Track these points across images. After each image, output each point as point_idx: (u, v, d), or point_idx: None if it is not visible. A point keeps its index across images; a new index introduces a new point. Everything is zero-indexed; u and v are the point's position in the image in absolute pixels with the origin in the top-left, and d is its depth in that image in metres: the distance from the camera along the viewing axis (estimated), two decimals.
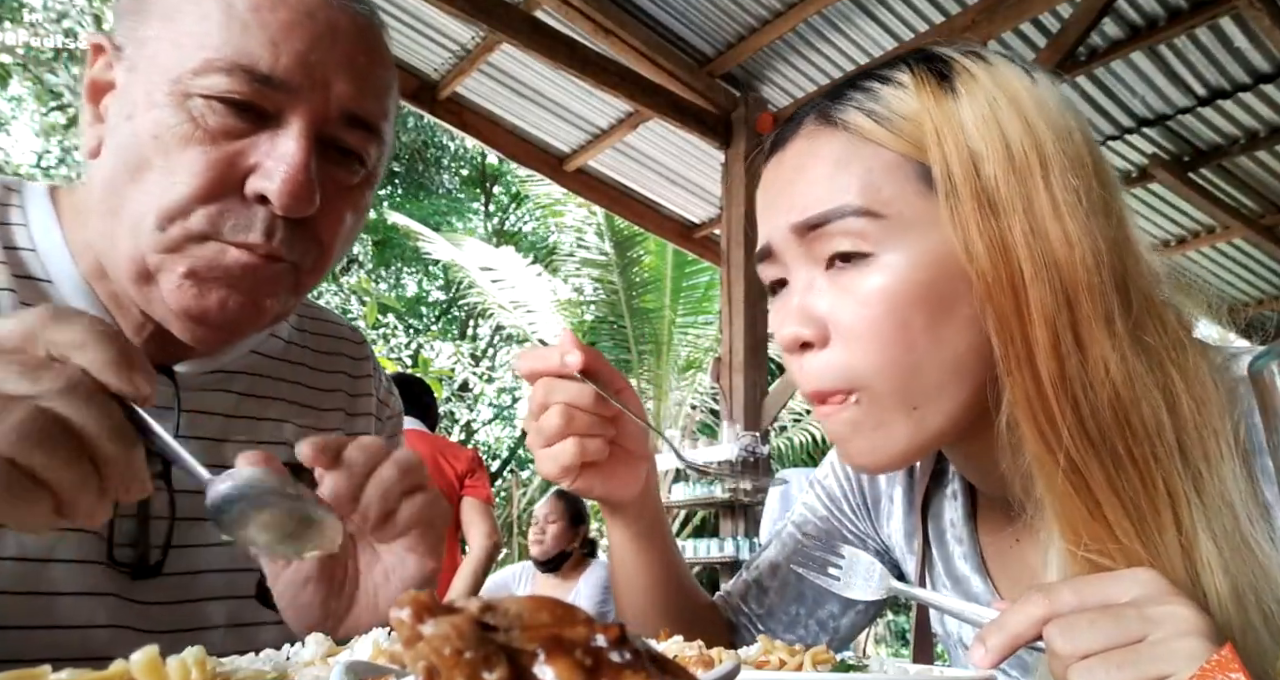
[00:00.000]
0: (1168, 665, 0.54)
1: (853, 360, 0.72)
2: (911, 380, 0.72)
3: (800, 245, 0.75)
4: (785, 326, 0.75)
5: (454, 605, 0.25)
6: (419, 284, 14.97)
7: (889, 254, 0.71)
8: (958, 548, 0.90)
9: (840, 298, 0.73)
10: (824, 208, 0.73)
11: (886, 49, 4.53)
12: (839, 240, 0.72)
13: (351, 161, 0.80)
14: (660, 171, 5.94)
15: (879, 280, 0.71)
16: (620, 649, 0.24)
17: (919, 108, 0.73)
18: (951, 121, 0.71)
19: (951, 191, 0.70)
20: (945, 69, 0.74)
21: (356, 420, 1.01)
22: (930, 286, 0.71)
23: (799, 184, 0.76)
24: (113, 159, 0.75)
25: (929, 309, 0.71)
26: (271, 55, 0.73)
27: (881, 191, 0.72)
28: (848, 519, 1.02)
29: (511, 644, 0.24)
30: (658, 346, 9.46)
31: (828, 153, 0.75)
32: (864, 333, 0.72)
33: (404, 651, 0.23)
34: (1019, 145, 0.70)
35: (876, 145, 0.73)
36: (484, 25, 4.35)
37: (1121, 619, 0.57)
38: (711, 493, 5.39)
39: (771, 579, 1.01)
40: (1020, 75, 0.74)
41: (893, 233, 0.71)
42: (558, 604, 0.26)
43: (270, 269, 0.76)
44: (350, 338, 1.06)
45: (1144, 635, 0.56)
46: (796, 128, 0.79)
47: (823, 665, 0.60)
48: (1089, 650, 0.56)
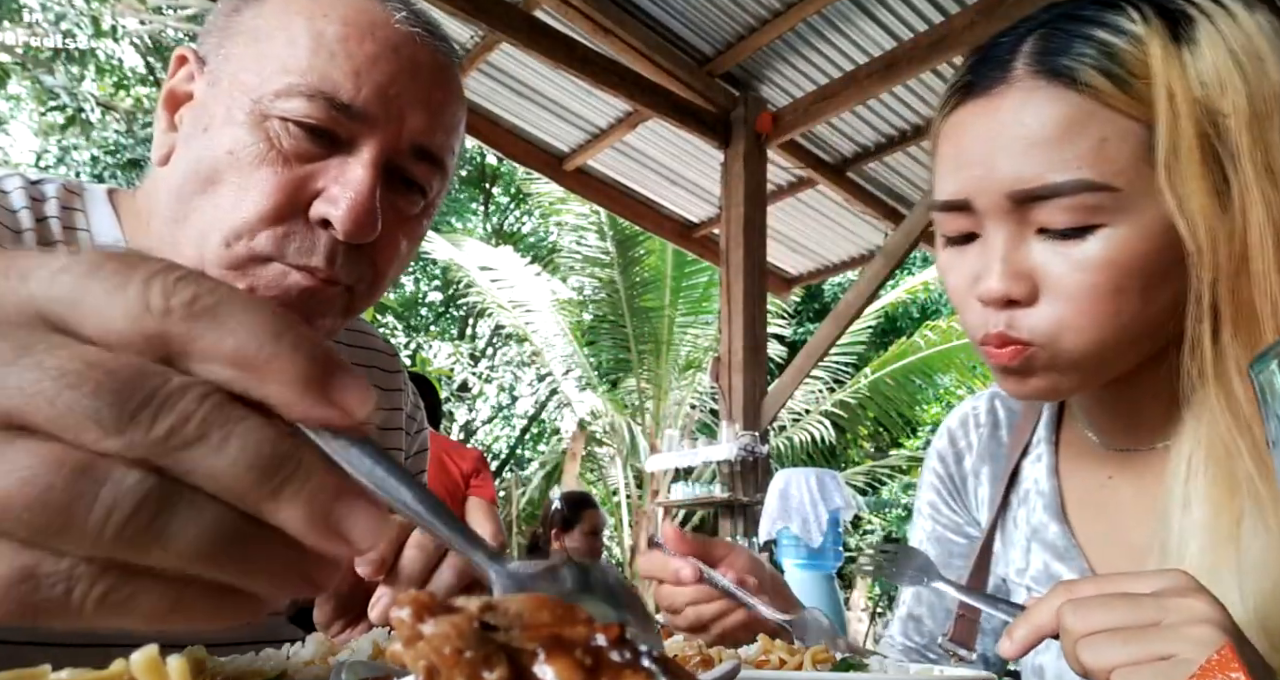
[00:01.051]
0: (1175, 646, 0.54)
1: (1058, 319, 0.72)
2: (1111, 339, 0.72)
3: (1011, 208, 0.72)
4: (990, 283, 0.73)
5: (454, 605, 0.25)
6: (417, 284, 14.96)
7: (1116, 226, 0.69)
8: (1039, 501, 0.91)
9: (1057, 260, 0.71)
10: (1052, 179, 0.69)
11: (886, 49, 4.53)
12: (1064, 213, 0.69)
13: (414, 192, 0.82)
14: (659, 171, 5.94)
15: (1103, 249, 0.69)
16: (620, 649, 0.24)
17: (1154, 64, 0.68)
18: (1187, 77, 0.67)
19: (1177, 159, 0.67)
20: (1178, 12, 0.70)
21: (388, 434, 1.02)
22: (1151, 255, 0.70)
23: (1018, 145, 0.70)
24: (184, 169, 0.76)
25: (1146, 277, 0.70)
26: (354, 85, 0.74)
27: (1115, 162, 0.68)
28: (948, 519, 1.03)
29: (511, 644, 0.24)
30: (658, 346, 9.45)
31: (1056, 113, 0.69)
32: (1079, 297, 0.71)
33: (404, 651, 0.23)
34: (1261, 91, 0.67)
35: (1111, 109, 0.68)
36: (483, 25, 4.35)
37: (1136, 603, 0.57)
38: (711, 493, 5.39)
39: (918, 606, 1.03)
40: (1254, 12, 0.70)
41: (1122, 205, 0.69)
42: (558, 603, 0.26)
43: (326, 292, 0.77)
44: (384, 350, 1.06)
45: (1157, 620, 0.56)
46: (1004, 74, 0.73)
47: (823, 665, 0.60)
48: (1099, 628, 0.56)
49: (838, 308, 5.12)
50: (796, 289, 7.28)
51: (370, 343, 1.05)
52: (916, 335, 9.96)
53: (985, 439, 1.01)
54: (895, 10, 4.37)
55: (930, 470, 1.05)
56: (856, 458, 12.39)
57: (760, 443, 4.89)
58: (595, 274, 9.66)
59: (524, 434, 14.29)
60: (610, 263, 9.42)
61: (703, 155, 5.52)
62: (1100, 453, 0.88)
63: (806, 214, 6.12)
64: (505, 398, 14.04)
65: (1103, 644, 0.56)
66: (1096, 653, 0.56)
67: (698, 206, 6.20)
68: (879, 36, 4.54)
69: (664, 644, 0.62)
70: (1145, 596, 0.58)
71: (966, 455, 1.02)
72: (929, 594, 1.01)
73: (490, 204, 15.45)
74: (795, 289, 7.25)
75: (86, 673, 0.36)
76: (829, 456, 10.70)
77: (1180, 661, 0.53)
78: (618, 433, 9.79)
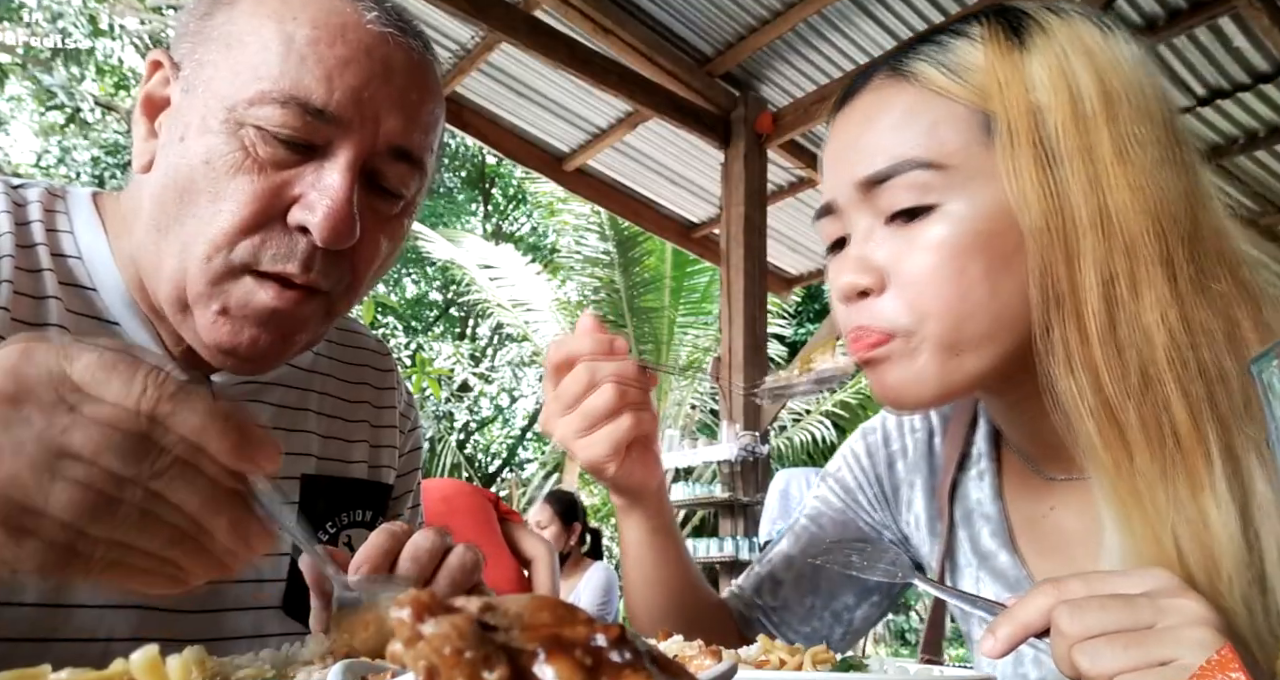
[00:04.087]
0: (1173, 650, 0.54)
1: (907, 305, 0.74)
2: (960, 326, 0.73)
3: (863, 200, 0.76)
4: (843, 275, 0.76)
5: (454, 605, 0.25)
6: (418, 284, 14.96)
7: (951, 204, 0.72)
8: (985, 525, 0.90)
9: (900, 247, 0.74)
10: (890, 161, 0.74)
11: (886, 49, 4.53)
12: (903, 194, 0.73)
13: (392, 191, 0.81)
14: (660, 171, 5.94)
15: (940, 230, 0.72)
16: (620, 649, 0.24)
17: (987, 59, 0.74)
18: (1018, 73, 0.72)
19: (1011, 143, 0.71)
20: (1018, 22, 0.75)
21: (381, 432, 1.02)
22: (990, 236, 0.72)
23: (865, 137, 0.76)
24: (163, 178, 0.76)
25: (987, 259, 0.72)
26: (326, 90, 0.73)
27: (947, 143, 0.73)
28: (864, 510, 1.02)
29: (511, 644, 0.24)
30: (658, 346, 9.46)
31: (896, 104, 0.76)
32: (921, 279, 0.73)
33: (404, 651, 0.23)
34: (1087, 95, 0.71)
35: (944, 97, 0.74)
36: (483, 25, 4.35)
37: (1132, 605, 0.57)
38: (711, 492, 5.39)
39: (786, 571, 1.01)
40: (1097, 29, 0.75)
41: (956, 183, 0.72)
42: (558, 604, 0.26)
43: (303, 308, 0.77)
44: (376, 349, 1.06)
45: (1153, 623, 0.56)
46: (866, 81, 0.80)
47: (823, 665, 0.60)
48: (1096, 631, 0.56)
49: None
50: (796, 289, 7.28)
51: (362, 342, 1.05)
52: None
53: (920, 445, 0.99)
54: (895, 10, 4.37)
55: (855, 457, 1.03)
56: None
57: (760, 443, 4.89)
58: (595, 274, 9.66)
59: (524, 434, 14.29)
60: (610, 263, 9.42)
61: (703, 155, 5.52)
62: (1039, 481, 0.86)
63: (806, 214, 6.11)
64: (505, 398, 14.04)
65: (1101, 649, 0.55)
66: (1095, 658, 0.55)
67: (698, 206, 6.20)
68: (879, 36, 4.54)
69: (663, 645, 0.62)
70: (1139, 598, 0.57)
71: (899, 460, 1.00)
72: (803, 565, 1.00)
73: (489, 204, 15.45)
74: (795, 289, 7.25)
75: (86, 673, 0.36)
76: (829, 456, 10.68)
77: (1180, 666, 0.53)
78: None
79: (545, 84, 5.21)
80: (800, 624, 1.00)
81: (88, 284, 0.81)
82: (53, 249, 0.81)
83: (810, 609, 1.00)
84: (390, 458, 1.02)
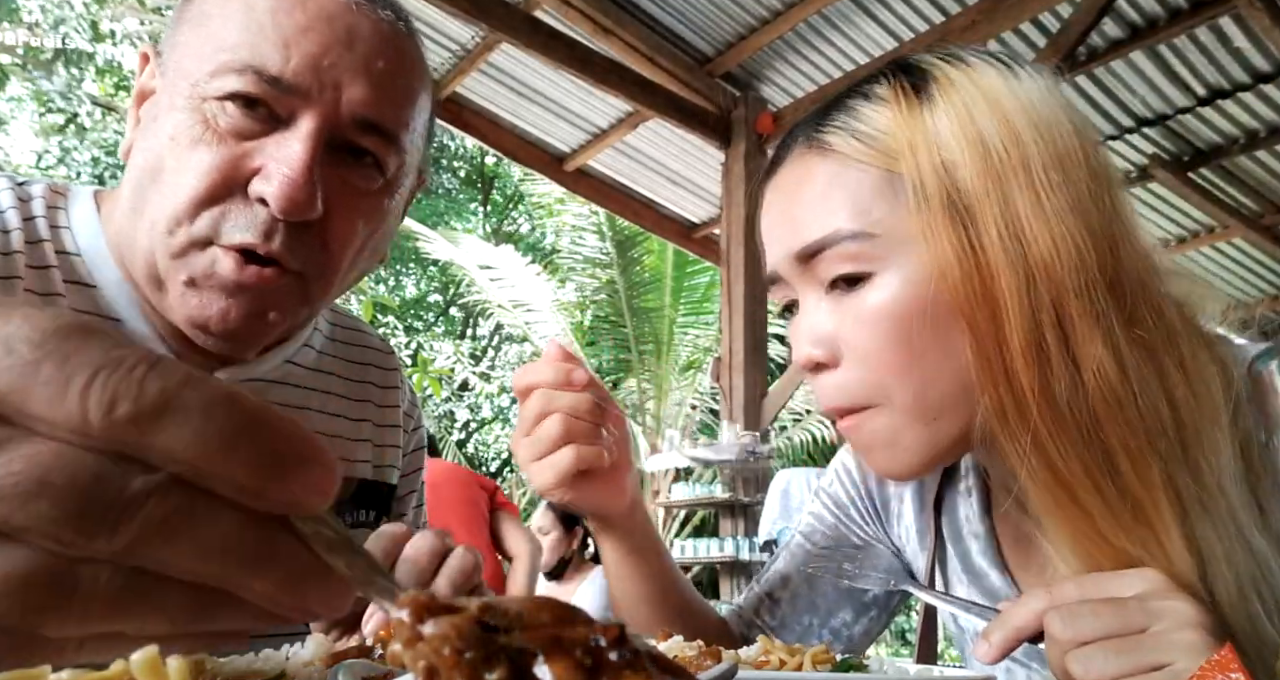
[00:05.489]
0: (1166, 655, 0.54)
1: (865, 378, 0.73)
2: (924, 393, 0.71)
3: (803, 270, 0.76)
4: (799, 348, 0.76)
5: (454, 605, 0.25)
6: (418, 284, 14.96)
7: (885, 273, 0.71)
8: (974, 543, 0.90)
9: (844, 318, 0.73)
10: (818, 235, 0.73)
11: (887, 49, 4.53)
12: (837, 264, 0.73)
13: (367, 167, 0.79)
14: (660, 171, 5.94)
15: (877, 299, 0.71)
16: (620, 649, 0.24)
17: (893, 121, 0.72)
18: (925, 132, 0.70)
19: (923, 203, 0.69)
20: (920, 78, 0.73)
21: (385, 431, 1.01)
22: (926, 304, 0.70)
23: (793, 210, 0.76)
24: (138, 161, 0.76)
25: (930, 323, 0.70)
26: (282, 56, 0.73)
27: (871, 212, 0.71)
28: (856, 524, 1.01)
29: (511, 644, 0.24)
30: (658, 346, 9.45)
31: (816, 177, 0.75)
32: (870, 351, 0.72)
33: (404, 651, 0.23)
34: (997, 146, 0.69)
35: (861, 165, 0.73)
36: (484, 25, 4.35)
37: (1123, 610, 0.57)
38: (711, 493, 5.39)
39: (783, 590, 1.01)
40: (1001, 73, 0.72)
41: (887, 251, 0.71)
42: (558, 604, 0.26)
43: (274, 282, 0.76)
44: (379, 348, 1.06)
45: (1145, 626, 0.56)
46: (787, 151, 0.80)
47: (823, 665, 0.60)
48: (1089, 637, 0.56)
49: None
50: None
51: (366, 341, 1.05)
52: None
53: None
54: (895, 10, 4.37)
55: (845, 472, 1.03)
56: None
57: (761, 443, 4.89)
58: (595, 274, 9.66)
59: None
60: (610, 263, 9.41)
61: (703, 155, 5.52)
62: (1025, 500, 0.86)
63: None
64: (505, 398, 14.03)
65: (1095, 655, 0.55)
66: (1088, 665, 0.55)
67: (698, 206, 6.20)
68: (879, 36, 4.54)
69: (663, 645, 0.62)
70: (1131, 601, 0.57)
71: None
72: (799, 584, 0.99)
73: (489, 205, 15.45)
74: None
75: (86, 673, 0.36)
76: (829, 457, 10.68)
77: (1173, 671, 0.53)
78: None
79: (545, 84, 5.21)
80: (799, 642, 1.00)
81: (89, 281, 0.81)
82: (56, 246, 0.81)
83: (808, 627, 1.00)
84: (394, 457, 1.02)
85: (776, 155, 0.82)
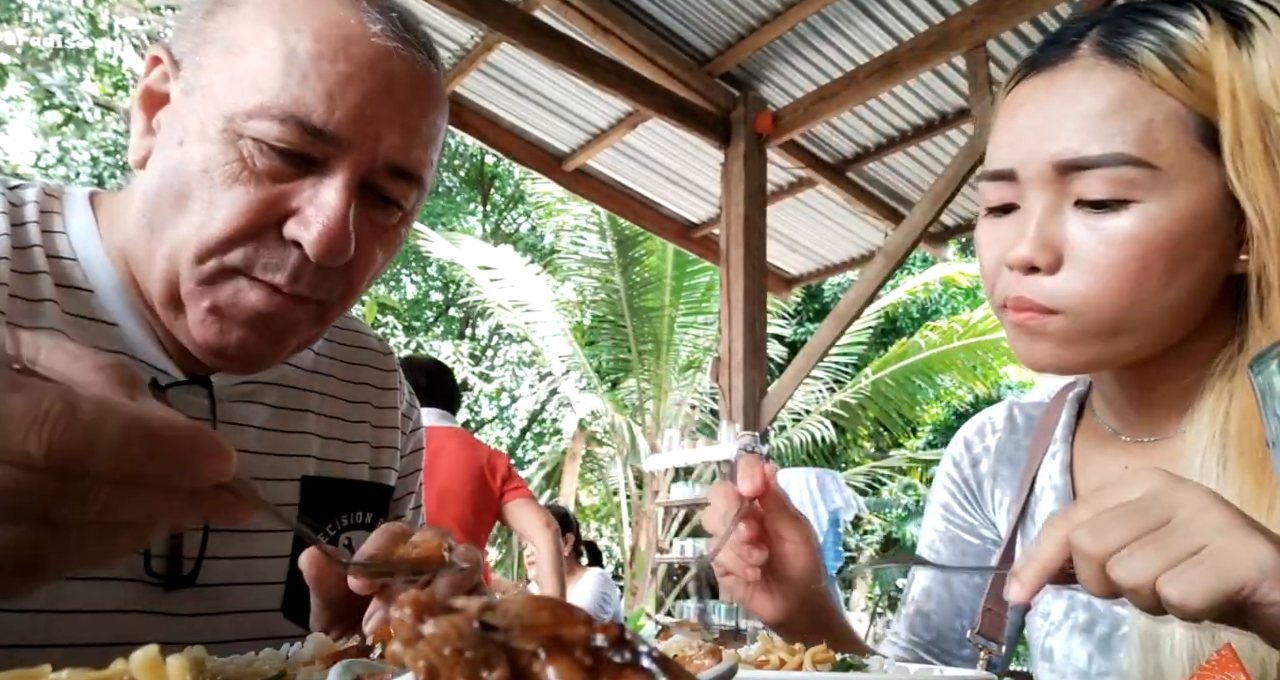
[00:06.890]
0: (1201, 537, 0.54)
1: (1080, 291, 0.75)
2: (1125, 315, 0.74)
3: (1054, 179, 0.75)
4: (1019, 248, 0.76)
5: (454, 605, 0.25)
6: (418, 285, 14.96)
7: (1152, 203, 0.72)
8: (1053, 495, 0.92)
9: (1087, 232, 0.74)
10: (1095, 151, 0.73)
11: (886, 49, 4.53)
12: (1103, 185, 0.73)
13: (390, 207, 0.81)
14: (659, 171, 5.94)
15: (1134, 225, 0.72)
16: (620, 649, 0.24)
17: (1216, 60, 0.72)
18: (1246, 77, 0.72)
19: (1240, 149, 0.71)
20: (1240, 20, 0.74)
21: (383, 432, 1.02)
22: (1181, 237, 0.72)
23: (1069, 117, 0.75)
24: (159, 179, 0.76)
25: (1172, 258, 0.72)
26: (327, 108, 0.73)
27: (1160, 142, 0.72)
28: (961, 517, 1.03)
29: (511, 644, 0.24)
30: (658, 346, 9.45)
31: (1110, 90, 0.74)
32: (1103, 270, 0.73)
33: (404, 651, 0.23)
34: None
35: (1164, 92, 0.72)
36: (483, 25, 4.35)
37: (1144, 508, 0.56)
38: None
39: (927, 602, 1.03)
40: None
41: (1161, 184, 0.72)
42: (558, 604, 0.26)
43: (293, 313, 0.77)
44: (377, 349, 1.06)
45: (1169, 519, 0.55)
46: (1068, 53, 0.77)
47: (822, 665, 0.60)
48: (1120, 543, 0.55)
49: (838, 308, 5.11)
50: (796, 289, 7.28)
51: (364, 342, 1.04)
52: (917, 336, 9.96)
53: (1002, 442, 1.02)
54: (895, 10, 4.37)
55: (944, 474, 1.06)
56: (857, 458, 12.39)
57: (760, 442, 4.89)
58: (595, 274, 9.66)
59: (524, 434, 14.29)
60: (610, 263, 9.41)
61: (703, 155, 5.52)
62: (1117, 443, 0.89)
63: (806, 214, 6.11)
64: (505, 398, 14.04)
65: (1135, 558, 0.54)
66: (1131, 568, 0.54)
67: (698, 206, 6.19)
68: (879, 36, 4.54)
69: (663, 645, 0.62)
70: (1145, 499, 0.57)
71: (984, 459, 1.03)
72: (939, 590, 1.02)
73: (489, 205, 15.44)
74: (795, 289, 7.24)
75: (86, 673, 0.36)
76: (829, 457, 10.70)
77: (1212, 551, 0.53)
78: (618, 433, 9.79)
79: (545, 84, 5.20)
80: (958, 648, 1.01)
81: (84, 285, 0.81)
82: (48, 251, 0.80)
83: (963, 631, 1.00)
84: (391, 459, 1.02)
85: (1046, 53, 0.79)
